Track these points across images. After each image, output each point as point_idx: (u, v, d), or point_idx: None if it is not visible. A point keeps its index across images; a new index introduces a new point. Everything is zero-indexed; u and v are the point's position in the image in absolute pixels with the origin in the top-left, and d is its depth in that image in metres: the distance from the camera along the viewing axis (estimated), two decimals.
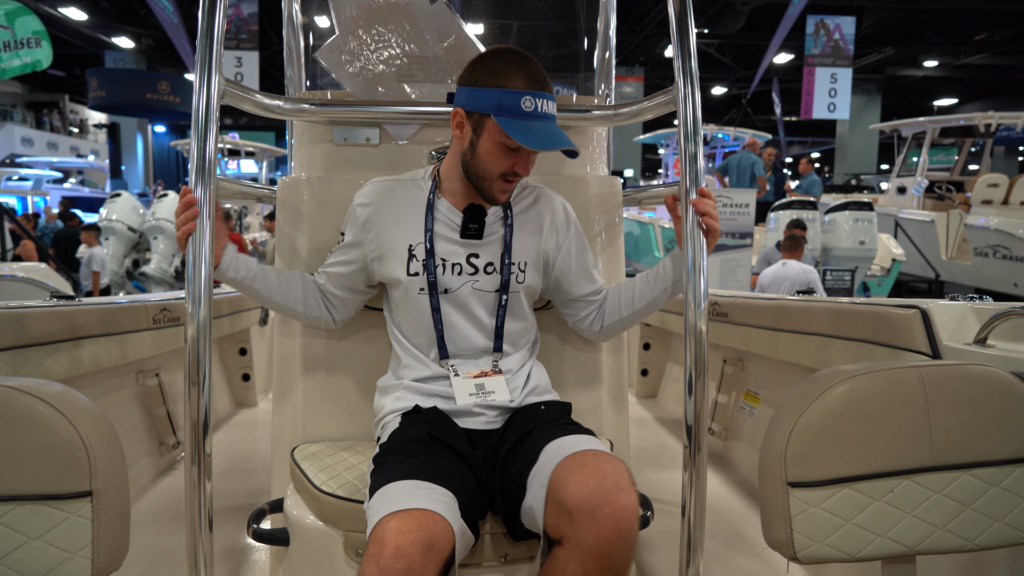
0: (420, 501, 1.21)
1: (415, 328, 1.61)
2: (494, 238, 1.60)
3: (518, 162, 1.49)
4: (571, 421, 1.52)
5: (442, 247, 1.58)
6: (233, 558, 2.10)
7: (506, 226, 1.61)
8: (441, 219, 1.59)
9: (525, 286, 1.63)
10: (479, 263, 1.58)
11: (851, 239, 8.23)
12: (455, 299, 1.58)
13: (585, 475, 1.25)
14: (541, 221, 1.66)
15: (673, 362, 3.94)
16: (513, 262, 1.60)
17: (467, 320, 1.59)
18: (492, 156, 1.49)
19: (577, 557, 1.23)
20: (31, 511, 1.13)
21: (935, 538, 1.25)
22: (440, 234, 1.58)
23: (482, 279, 1.58)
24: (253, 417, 3.70)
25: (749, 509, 2.48)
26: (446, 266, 1.57)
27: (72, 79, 25.44)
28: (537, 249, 1.64)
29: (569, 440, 1.36)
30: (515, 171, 1.50)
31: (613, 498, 1.22)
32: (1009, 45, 19.41)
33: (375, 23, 1.96)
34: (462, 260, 1.58)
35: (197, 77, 1.38)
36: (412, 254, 1.58)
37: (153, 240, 9.87)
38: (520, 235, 1.62)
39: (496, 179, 1.50)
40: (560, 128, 1.50)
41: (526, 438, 1.43)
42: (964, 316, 1.84)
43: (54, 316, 2.12)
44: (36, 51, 6.27)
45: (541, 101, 1.45)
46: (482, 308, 1.60)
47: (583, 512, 1.21)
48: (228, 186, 1.83)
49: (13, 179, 19.01)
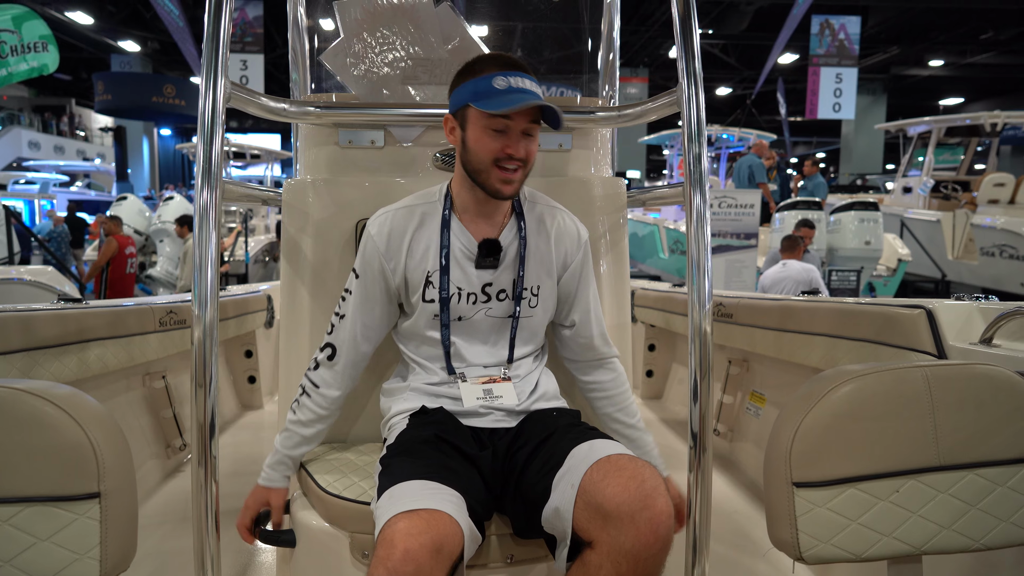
0: (429, 501, 1.22)
1: (423, 348, 1.61)
2: (507, 265, 1.57)
3: (508, 144, 1.44)
4: (592, 427, 1.51)
5: (457, 275, 1.55)
6: (240, 559, 2.11)
7: (519, 254, 1.58)
8: (457, 244, 1.55)
9: (539, 309, 1.61)
10: (492, 291, 1.57)
11: (857, 239, 8.22)
12: (468, 325, 1.58)
13: (624, 479, 1.24)
14: (556, 245, 1.62)
15: (678, 363, 3.93)
16: (526, 287, 1.58)
17: (478, 343, 1.59)
18: (480, 143, 1.46)
19: (611, 561, 1.22)
20: (40, 513, 1.14)
21: (941, 538, 1.24)
22: (456, 260, 1.55)
23: (495, 306, 1.57)
24: (259, 419, 3.71)
25: (755, 510, 2.48)
26: (461, 295, 1.55)
27: (78, 83, 25.59)
28: (552, 271, 1.62)
29: (599, 444, 1.36)
30: (507, 154, 1.44)
31: (653, 502, 1.21)
32: (1015, 44, 19.34)
33: (379, 26, 1.96)
34: (476, 290, 1.56)
35: (203, 80, 1.39)
36: (429, 281, 1.55)
37: (159, 243, 9.92)
38: (534, 262, 1.59)
39: (491, 167, 1.46)
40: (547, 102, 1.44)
41: (547, 440, 1.43)
42: (970, 316, 1.84)
43: (62, 319, 2.13)
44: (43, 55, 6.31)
45: (514, 79, 1.42)
46: (493, 333, 1.59)
47: (623, 516, 1.21)
48: (234, 189, 1.84)
49: (20, 183, 19.12)
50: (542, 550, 1.43)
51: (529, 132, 1.46)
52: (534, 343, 1.65)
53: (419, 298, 1.55)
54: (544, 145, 1.96)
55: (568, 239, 1.64)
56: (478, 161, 1.47)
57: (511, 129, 1.44)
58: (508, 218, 1.59)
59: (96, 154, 26.33)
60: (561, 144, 1.98)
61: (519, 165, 1.46)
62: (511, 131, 1.44)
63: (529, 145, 1.47)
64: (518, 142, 1.45)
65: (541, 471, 1.37)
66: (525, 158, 1.47)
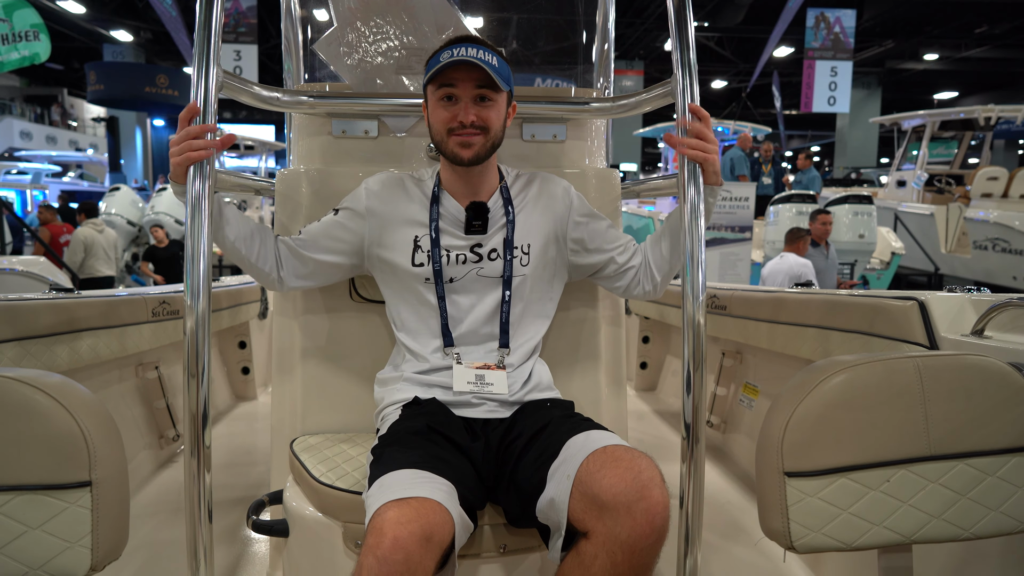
0: (419, 490, 1.22)
1: (417, 318, 1.62)
2: (497, 227, 1.62)
3: (457, 112, 1.50)
4: (587, 418, 1.52)
5: (447, 240, 1.61)
6: (233, 549, 2.11)
7: (507, 214, 1.63)
8: (446, 215, 1.62)
9: (533, 268, 1.63)
10: (483, 251, 1.61)
11: (851, 232, 8.23)
12: (460, 286, 1.61)
13: (621, 470, 1.25)
14: (542, 200, 1.68)
15: (672, 355, 3.95)
16: (516, 245, 1.62)
17: (472, 306, 1.61)
18: (434, 115, 1.54)
19: (607, 551, 1.22)
20: (31, 501, 1.14)
21: (931, 527, 1.25)
22: (445, 229, 1.61)
23: (487, 265, 1.61)
24: (253, 410, 3.71)
25: (747, 501, 2.49)
26: (451, 257, 1.60)
27: (71, 72, 25.38)
28: (543, 227, 1.66)
29: (595, 435, 1.36)
30: (458, 121, 1.50)
31: (649, 493, 1.22)
32: (1009, 38, 19.37)
33: (373, 15, 1.95)
34: (466, 251, 1.60)
35: (195, 69, 1.38)
36: (417, 245, 1.60)
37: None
38: (522, 218, 1.64)
39: (446, 136, 1.53)
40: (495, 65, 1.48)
41: (542, 432, 1.43)
42: (962, 308, 1.85)
43: (53, 308, 2.12)
44: (34, 44, 6.25)
45: (461, 48, 1.47)
46: (487, 293, 1.61)
47: (619, 506, 1.21)
48: (226, 178, 1.83)
49: (12, 173, 18.99)
50: (535, 540, 1.43)
51: (483, 97, 1.51)
52: (531, 317, 1.66)
53: (408, 260, 1.60)
54: (539, 136, 1.96)
55: (553, 195, 1.69)
56: (435, 133, 1.55)
57: (459, 97, 1.50)
58: (495, 190, 1.65)
59: (88, 144, 26.16)
60: (555, 135, 1.98)
61: (476, 131, 1.51)
62: (459, 99, 1.50)
63: (484, 111, 1.51)
64: (467, 109, 1.50)
65: (536, 462, 1.37)
66: (482, 124, 1.51)
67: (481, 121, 1.51)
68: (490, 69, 1.46)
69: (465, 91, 1.50)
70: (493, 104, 1.53)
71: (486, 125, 1.52)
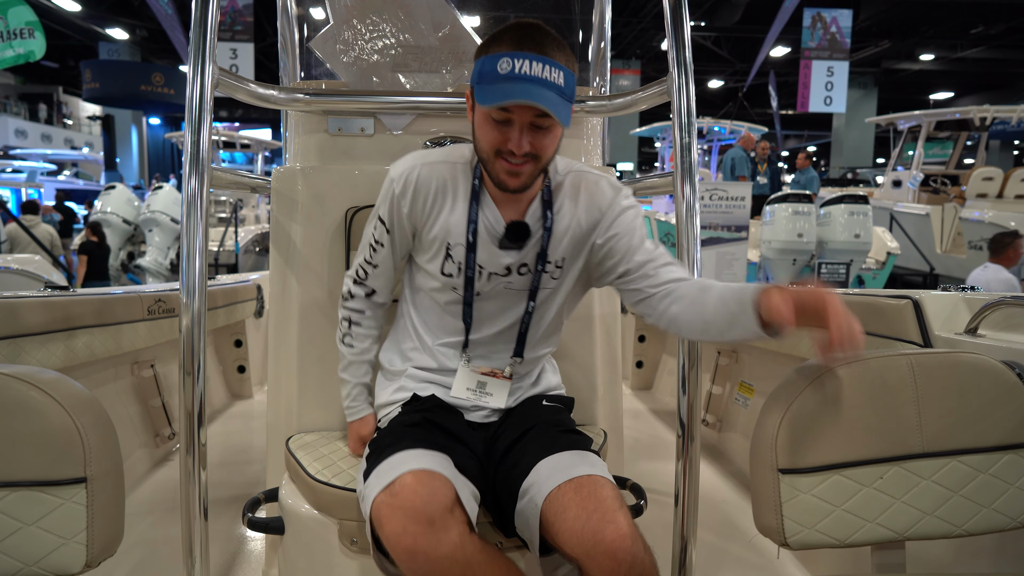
0: (422, 463, 1.24)
1: (436, 315, 1.55)
2: (533, 242, 1.47)
3: (509, 137, 1.30)
4: (568, 428, 1.47)
5: (481, 255, 1.45)
6: (228, 547, 2.11)
7: (544, 220, 1.46)
8: (483, 222, 1.44)
9: (561, 283, 1.52)
10: (513, 266, 1.48)
11: (846, 232, 8.24)
12: (485, 296, 1.51)
13: (571, 517, 1.22)
14: (582, 204, 1.49)
15: (668, 354, 3.95)
16: (550, 260, 1.48)
17: (494, 314, 1.53)
18: (481, 131, 1.34)
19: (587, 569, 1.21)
20: (26, 497, 1.14)
21: (924, 524, 1.26)
22: (480, 238, 1.44)
23: (515, 280, 1.49)
24: (249, 409, 3.71)
25: (742, 499, 2.50)
26: (482, 273, 1.47)
27: (66, 71, 25.31)
28: (578, 238, 1.49)
29: (563, 461, 1.32)
30: (509, 149, 1.31)
31: (602, 536, 1.18)
32: (1005, 39, 19.43)
33: (370, 13, 1.96)
34: (499, 269, 1.47)
35: (190, 66, 1.38)
36: (449, 254, 1.45)
37: (148, 233, 9.84)
38: (560, 227, 1.47)
39: (493, 158, 1.34)
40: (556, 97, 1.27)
41: (522, 438, 1.42)
42: (955, 306, 1.86)
43: (48, 306, 2.12)
44: (29, 42, 6.22)
45: (522, 62, 1.24)
46: (512, 304, 1.52)
47: (579, 555, 1.20)
48: (222, 176, 1.83)
49: (7, 171, 18.93)
50: None
51: (539, 125, 1.30)
52: (548, 332, 1.58)
53: (437, 269, 1.47)
54: None
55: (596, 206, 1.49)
56: (481, 149, 1.37)
57: (514, 121, 1.29)
58: (537, 193, 1.47)
59: (84, 143, 26.09)
60: None
61: (526, 160, 1.33)
62: (514, 123, 1.30)
63: (538, 139, 1.31)
64: (521, 136, 1.30)
65: (509, 476, 1.36)
66: (534, 153, 1.32)
67: (535, 150, 1.32)
68: (556, 95, 1.26)
69: (522, 116, 1.29)
70: (547, 131, 1.32)
71: (538, 153, 1.33)
